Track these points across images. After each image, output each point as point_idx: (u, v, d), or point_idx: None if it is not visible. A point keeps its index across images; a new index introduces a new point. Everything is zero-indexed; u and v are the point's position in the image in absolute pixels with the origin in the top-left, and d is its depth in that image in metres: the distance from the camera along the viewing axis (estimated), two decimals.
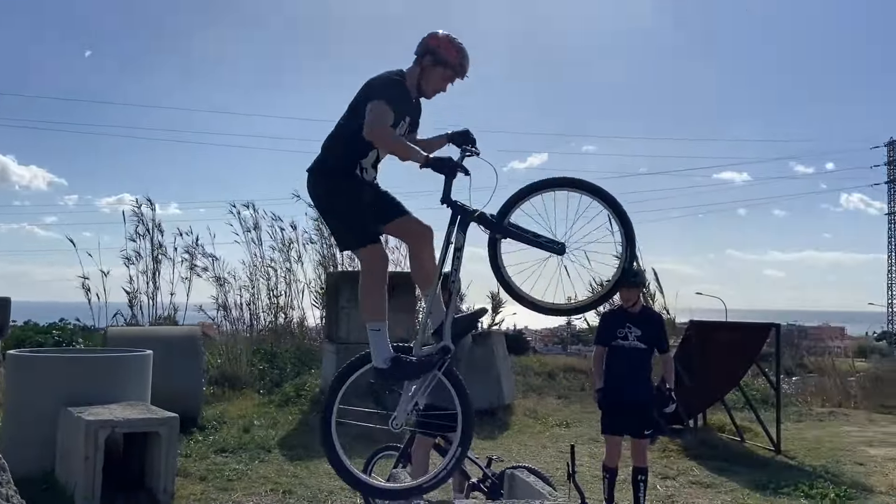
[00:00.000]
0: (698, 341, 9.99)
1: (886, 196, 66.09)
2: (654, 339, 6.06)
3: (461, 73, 3.70)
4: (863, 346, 47.60)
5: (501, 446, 8.95)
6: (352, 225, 3.68)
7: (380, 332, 3.63)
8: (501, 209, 3.54)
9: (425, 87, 3.70)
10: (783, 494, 7.08)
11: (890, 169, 64.97)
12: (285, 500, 6.44)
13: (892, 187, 65.34)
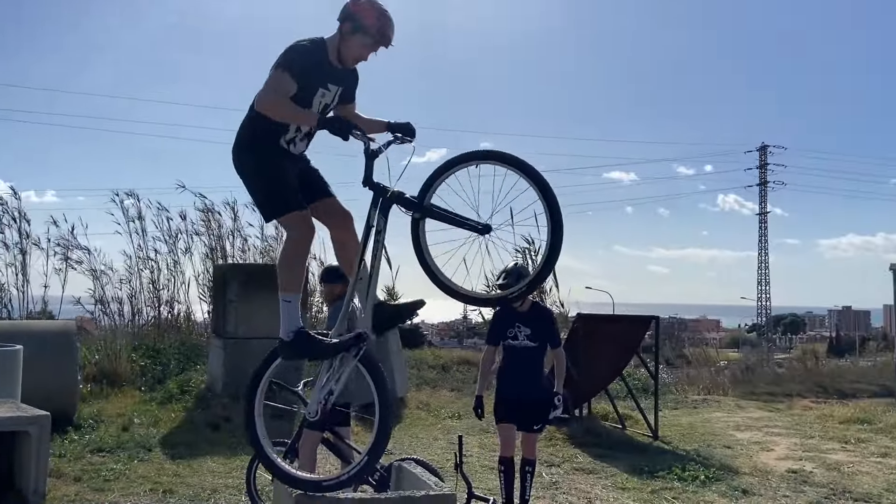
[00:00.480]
0: (584, 334, 10.34)
1: (758, 198, 70.33)
2: (544, 336, 5.90)
3: (383, 41, 3.50)
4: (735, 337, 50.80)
5: (393, 439, 8.93)
6: (272, 193, 3.58)
7: (291, 303, 3.57)
8: (422, 188, 3.43)
9: (345, 55, 3.52)
10: (659, 478, 7.44)
11: (761, 172, 69.14)
12: (166, 499, 6.25)
13: (763, 189, 69.56)
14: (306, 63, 3.46)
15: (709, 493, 7.02)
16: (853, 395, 14.81)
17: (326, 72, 3.54)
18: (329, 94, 3.59)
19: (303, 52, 3.48)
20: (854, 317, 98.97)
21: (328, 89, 3.57)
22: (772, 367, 18.52)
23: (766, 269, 70.16)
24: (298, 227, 3.57)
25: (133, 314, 14.08)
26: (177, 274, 14.46)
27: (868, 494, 7.15)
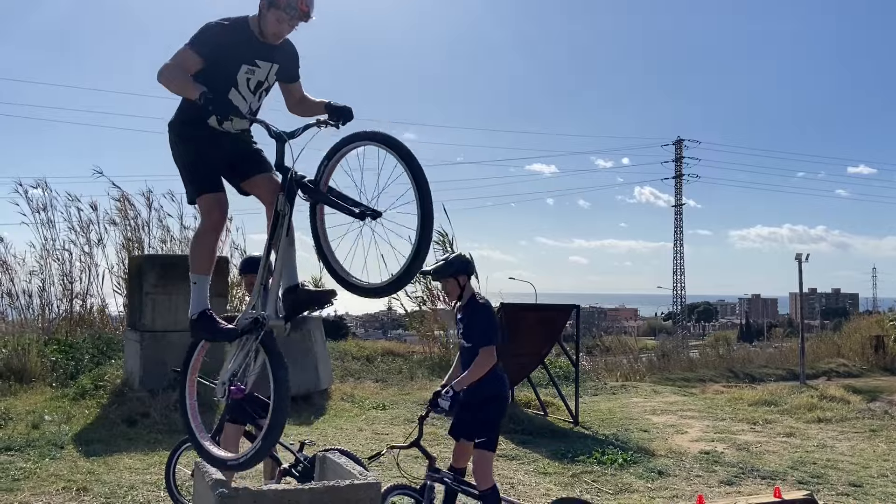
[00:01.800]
0: (507, 322, 10.47)
1: (673, 190, 72.58)
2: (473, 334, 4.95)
3: (296, 14, 3.43)
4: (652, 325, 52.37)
5: (317, 431, 8.92)
6: (190, 174, 3.62)
7: (197, 284, 3.61)
8: (316, 171, 3.38)
9: (265, 31, 3.48)
10: (579, 462, 7.64)
11: (677, 165, 71.37)
12: (80, 497, 6.03)
13: (679, 182, 71.84)
14: (222, 40, 3.44)
15: (626, 476, 7.24)
16: (761, 379, 15.49)
17: (252, 48, 3.50)
18: (260, 71, 3.56)
19: (217, 30, 3.46)
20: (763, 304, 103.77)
21: (256, 65, 3.54)
22: (686, 354, 19.16)
23: (681, 260, 72.69)
24: (210, 210, 3.59)
25: (43, 308, 13.53)
26: (90, 266, 13.93)
27: (774, 472, 7.52)
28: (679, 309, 70.90)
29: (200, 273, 3.61)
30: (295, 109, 3.75)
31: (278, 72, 3.63)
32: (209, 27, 3.46)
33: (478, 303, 4.94)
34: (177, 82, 3.39)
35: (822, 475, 7.43)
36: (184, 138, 3.61)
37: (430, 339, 15.63)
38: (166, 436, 8.01)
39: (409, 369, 13.94)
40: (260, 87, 3.61)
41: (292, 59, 3.69)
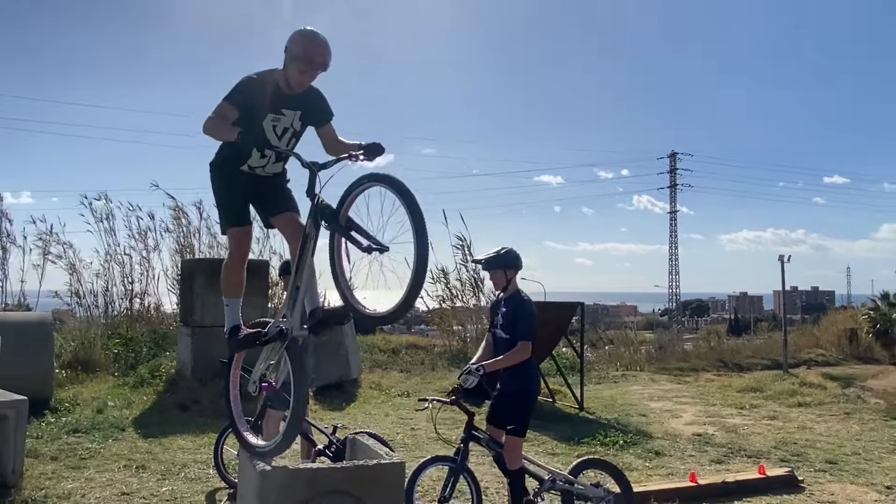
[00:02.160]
0: None
1: (669, 198, 72.22)
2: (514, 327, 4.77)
3: (312, 65, 3.47)
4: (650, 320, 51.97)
5: (348, 416, 8.93)
6: (221, 209, 3.77)
7: (229, 307, 3.79)
8: (338, 203, 3.34)
9: (291, 82, 3.53)
10: (584, 444, 7.59)
11: (671, 176, 70.96)
12: (139, 474, 6.08)
13: (673, 191, 71.46)
14: (252, 93, 3.48)
15: (627, 456, 7.19)
16: (748, 368, 15.33)
17: (278, 99, 3.54)
18: (286, 119, 3.58)
19: (248, 84, 3.51)
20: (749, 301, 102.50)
21: (281, 114, 3.56)
22: (681, 346, 18.99)
23: (676, 261, 72.38)
24: (239, 242, 3.74)
25: (106, 306, 13.64)
26: (147, 269, 14.07)
27: (759, 451, 7.44)
28: (674, 305, 70.45)
29: (231, 297, 3.79)
30: (331, 151, 3.72)
31: (304, 117, 3.64)
32: (242, 82, 3.51)
33: (522, 299, 4.86)
34: (217, 130, 3.45)
35: (802, 454, 7.36)
36: (220, 178, 3.73)
37: (449, 333, 15.61)
38: (214, 420, 8.05)
39: (430, 361, 13.93)
40: (286, 132, 3.63)
41: (318, 104, 3.70)
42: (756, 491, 5.98)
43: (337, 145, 3.70)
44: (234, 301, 3.79)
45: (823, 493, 6.07)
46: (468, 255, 15.38)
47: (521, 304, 4.84)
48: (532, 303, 4.94)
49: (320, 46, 3.49)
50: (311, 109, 3.67)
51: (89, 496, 5.43)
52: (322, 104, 3.72)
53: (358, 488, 3.46)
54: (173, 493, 5.59)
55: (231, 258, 3.78)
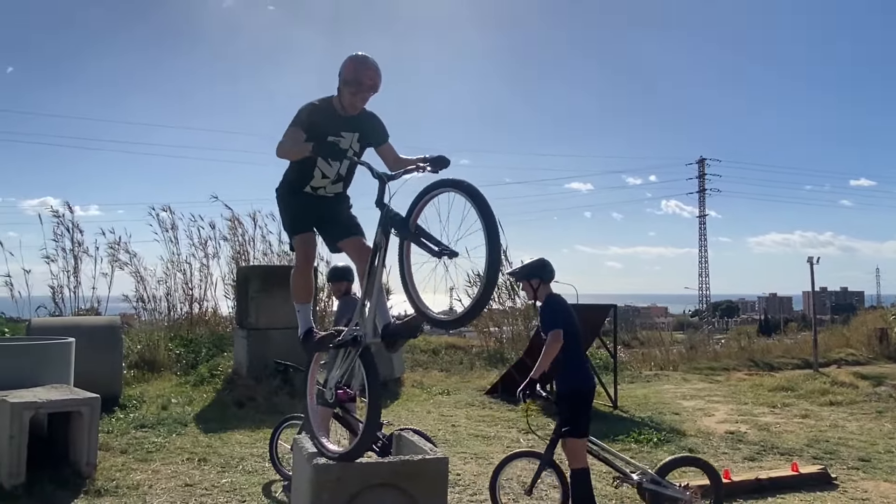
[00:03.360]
0: None
1: (697, 203, 70.92)
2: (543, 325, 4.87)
3: (362, 88, 3.51)
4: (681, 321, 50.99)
5: (392, 413, 8.98)
6: (287, 224, 3.87)
7: (301, 311, 3.82)
8: (407, 210, 3.26)
9: (344, 104, 3.58)
10: (619, 441, 7.48)
11: (700, 181, 69.67)
12: (200, 467, 6.21)
13: (702, 196, 70.13)
14: (313, 118, 3.54)
15: (660, 453, 7.06)
16: (779, 368, 14.92)
17: (336, 122, 3.58)
18: (345, 140, 3.62)
19: (309, 109, 3.57)
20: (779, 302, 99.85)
21: (341, 136, 3.60)
22: (712, 346, 18.59)
23: (706, 263, 70.84)
24: (302, 246, 3.76)
25: (169, 310, 13.97)
26: (206, 275, 14.39)
27: (792, 449, 7.24)
28: (704, 307, 69.00)
29: (301, 302, 3.82)
30: (394, 168, 3.66)
31: (362, 139, 3.67)
32: (303, 108, 3.58)
33: (548, 299, 4.84)
34: (291, 149, 3.51)
35: (835, 452, 7.13)
36: (284, 199, 3.81)
37: (486, 334, 15.58)
38: (269, 416, 8.18)
39: (468, 360, 13.92)
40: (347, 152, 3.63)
41: (374, 125, 3.72)
42: (789, 488, 5.81)
43: (400, 162, 3.68)
44: (304, 306, 3.82)
45: (857, 490, 5.88)
46: (504, 261, 15.38)
47: (546, 303, 4.87)
48: (558, 298, 4.92)
49: (370, 69, 3.53)
50: (368, 130, 3.70)
51: (156, 487, 5.56)
52: (378, 125, 3.75)
53: (404, 482, 3.49)
54: (232, 484, 5.70)
55: (298, 264, 3.82)
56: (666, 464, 4.86)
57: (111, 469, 5.91)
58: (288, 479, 5.50)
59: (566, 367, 4.72)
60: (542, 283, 4.88)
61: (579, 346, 4.92)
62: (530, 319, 14.89)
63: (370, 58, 3.57)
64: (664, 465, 4.84)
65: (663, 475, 4.73)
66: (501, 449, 7.21)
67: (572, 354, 4.73)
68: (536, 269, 4.89)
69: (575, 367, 4.76)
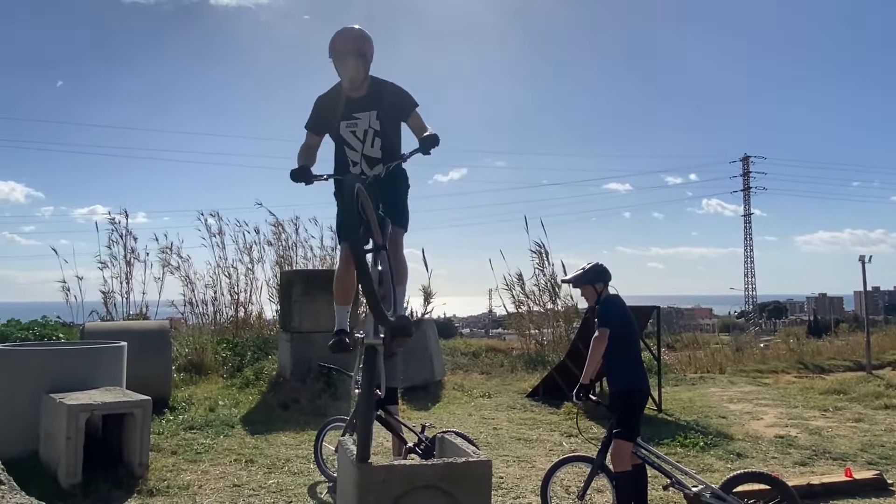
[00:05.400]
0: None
1: (742, 201, 69.33)
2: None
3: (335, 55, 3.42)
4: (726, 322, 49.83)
5: (434, 415, 9.00)
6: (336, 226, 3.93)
7: (337, 312, 3.87)
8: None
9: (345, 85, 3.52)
10: (664, 444, 7.35)
11: (745, 179, 68.08)
12: (248, 468, 6.33)
13: (747, 194, 68.53)
14: (321, 112, 3.55)
15: (707, 457, 6.93)
16: (830, 370, 14.47)
17: (347, 106, 3.51)
18: (361, 122, 3.54)
19: (316, 104, 3.59)
20: (829, 302, 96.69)
21: (355, 118, 3.53)
22: (759, 348, 18.12)
23: (752, 263, 69.33)
24: (343, 254, 3.77)
25: (215, 314, 14.27)
26: (251, 279, 14.67)
27: (845, 454, 7.01)
28: (751, 308, 67.37)
29: (340, 304, 3.87)
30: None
31: (382, 115, 3.56)
32: (314, 104, 3.59)
33: (605, 298, 4.80)
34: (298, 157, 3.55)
35: (891, 457, 6.88)
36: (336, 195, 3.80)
37: (527, 337, 15.50)
38: (313, 418, 8.29)
39: (509, 363, 13.87)
40: (367, 134, 3.58)
41: (393, 100, 3.57)
42: (843, 493, 5.63)
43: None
44: (341, 308, 3.88)
45: None
46: (545, 261, 15.27)
47: (601, 303, 4.83)
48: (615, 298, 4.85)
49: (339, 35, 3.44)
50: (387, 106, 3.56)
51: (205, 487, 5.69)
52: (397, 98, 3.58)
53: (448, 484, 3.49)
54: (279, 485, 5.80)
55: (339, 269, 3.85)
56: (732, 479, 4.57)
57: (162, 469, 6.06)
58: (333, 481, 5.57)
59: (622, 366, 4.69)
60: (605, 286, 4.86)
61: (635, 347, 4.87)
62: (571, 322, 14.76)
63: (346, 27, 3.49)
64: (730, 479, 4.57)
65: (728, 490, 4.46)
66: (544, 452, 7.17)
67: (629, 354, 4.71)
68: (599, 273, 4.87)
69: (631, 367, 4.72)
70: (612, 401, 4.74)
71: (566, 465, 5.14)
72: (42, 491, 4.07)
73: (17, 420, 6.06)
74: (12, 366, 6.38)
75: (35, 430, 5.92)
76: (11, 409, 6.16)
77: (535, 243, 15.51)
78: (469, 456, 3.77)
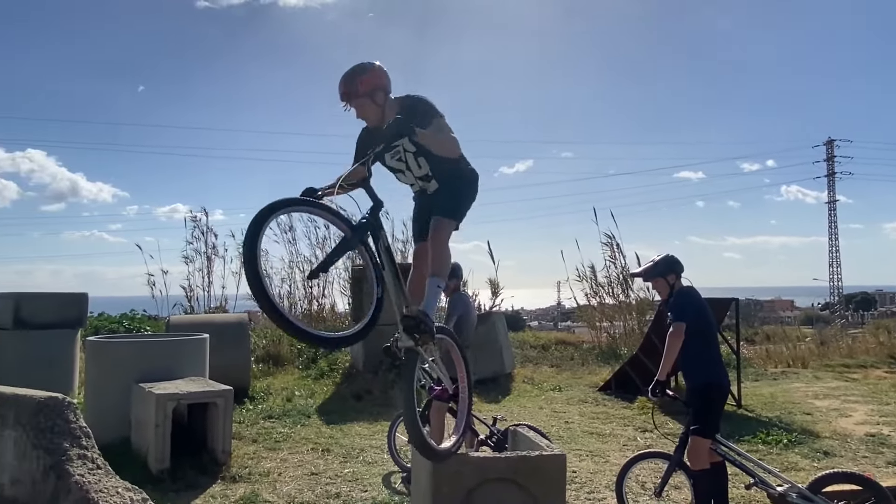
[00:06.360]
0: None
1: (826, 187, 65.85)
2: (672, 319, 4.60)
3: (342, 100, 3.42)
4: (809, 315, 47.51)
5: (504, 408, 8.98)
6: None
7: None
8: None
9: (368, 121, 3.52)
10: (745, 442, 7.09)
11: (829, 164, 64.63)
12: (324, 457, 6.50)
13: (831, 180, 65.05)
14: (358, 146, 3.55)
15: (791, 455, 6.64)
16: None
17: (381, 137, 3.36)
18: (399, 148, 3.47)
19: (360, 136, 3.57)
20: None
21: (394, 147, 3.45)
22: (846, 342, 17.17)
23: (837, 252, 65.90)
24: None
25: (290, 307, 14.66)
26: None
27: None
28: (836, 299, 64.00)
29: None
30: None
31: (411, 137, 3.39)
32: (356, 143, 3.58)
33: (677, 291, 4.64)
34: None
35: None
36: None
37: (598, 329, 15.23)
38: (385, 409, 8.43)
39: (580, 356, 13.67)
40: (408, 158, 3.51)
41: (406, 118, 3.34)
42: None
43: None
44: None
45: None
46: (616, 253, 14.95)
47: (675, 295, 4.66)
48: (690, 290, 4.67)
49: (341, 79, 3.40)
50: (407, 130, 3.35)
51: (285, 475, 5.88)
52: (410, 115, 3.40)
53: (522, 477, 3.48)
54: (354, 474, 5.92)
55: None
56: (820, 478, 4.35)
57: (244, 457, 6.29)
58: (406, 471, 5.64)
59: (700, 361, 4.53)
60: (677, 278, 4.71)
61: (713, 340, 4.70)
62: (644, 314, 14.40)
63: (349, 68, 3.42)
64: (818, 479, 4.35)
65: (816, 491, 4.25)
66: (618, 447, 7.04)
67: (707, 348, 4.55)
68: (670, 265, 4.72)
69: (709, 361, 4.55)
70: (690, 396, 4.60)
71: (642, 461, 5.03)
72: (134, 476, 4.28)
73: (109, 408, 6.42)
74: (105, 357, 6.76)
75: (126, 418, 6.25)
76: (105, 397, 6.54)
77: (605, 234, 15.20)
78: (542, 449, 3.75)
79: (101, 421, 6.16)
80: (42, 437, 3.19)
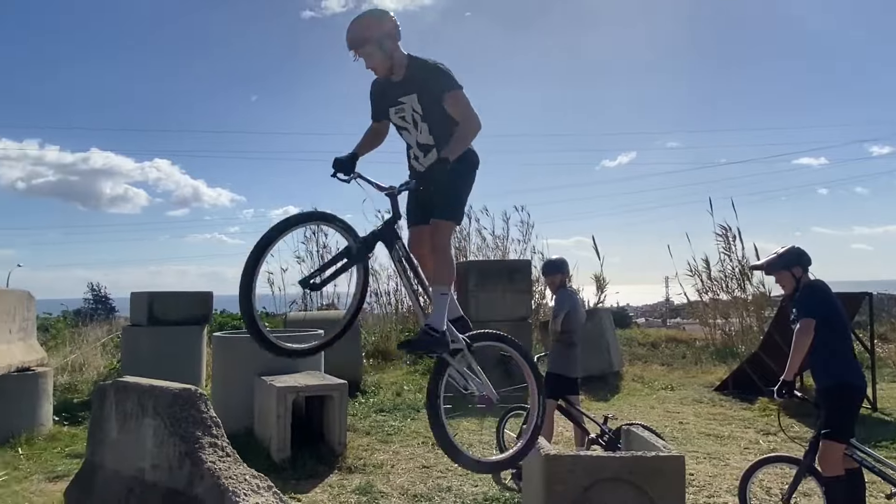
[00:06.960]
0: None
1: None
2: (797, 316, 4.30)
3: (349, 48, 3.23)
4: None
5: (613, 407, 8.76)
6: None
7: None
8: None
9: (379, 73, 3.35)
10: (881, 447, 6.52)
11: None
12: (434, 450, 6.57)
13: None
14: (373, 97, 3.46)
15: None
16: None
17: (392, 91, 3.33)
18: (406, 106, 3.32)
19: (371, 90, 3.47)
20: None
21: (400, 102, 3.33)
22: None
23: None
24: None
25: (397, 304, 14.98)
26: None
27: None
28: None
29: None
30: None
31: (422, 98, 3.28)
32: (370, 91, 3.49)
33: (805, 284, 4.35)
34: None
35: None
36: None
37: (711, 326, 14.48)
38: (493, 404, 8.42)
39: (692, 354, 13.08)
40: (414, 118, 3.34)
41: (427, 79, 3.25)
42: None
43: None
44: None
45: None
46: (731, 245, 14.12)
47: (802, 289, 4.36)
48: (819, 284, 4.35)
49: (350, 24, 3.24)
50: (423, 87, 3.27)
51: (397, 467, 6.02)
52: (430, 77, 3.23)
53: (638, 478, 3.37)
54: (465, 469, 5.96)
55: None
56: None
57: (358, 448, 6.50)
58: (515, 468, 5.62)
59: (831, 359, 4.22)
60: (804, 272, 4.42)
61: (845, 336, 4.36)
62: (762, 310, 13.56)
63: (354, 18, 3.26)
64: None
65: None
66: (738, 450, 6.68)
67: (839, 346, 4.24)
68: (796, 257, 4.42)
69: (842, 360, 4.24)
70: (820, 397, 4.30)
71: (767, 466, 4.74)
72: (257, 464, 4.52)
73: (234, 399, 6.83)
74: (230, 351, 7.19)
75: (250, 409, 6.62)
76: (230, 389, 6.96)
77: (720, 226, 14.38)
78: (659, 450, 3.62)
79: (226, 412, 6.55)
80: (178, 426, 3.44)
